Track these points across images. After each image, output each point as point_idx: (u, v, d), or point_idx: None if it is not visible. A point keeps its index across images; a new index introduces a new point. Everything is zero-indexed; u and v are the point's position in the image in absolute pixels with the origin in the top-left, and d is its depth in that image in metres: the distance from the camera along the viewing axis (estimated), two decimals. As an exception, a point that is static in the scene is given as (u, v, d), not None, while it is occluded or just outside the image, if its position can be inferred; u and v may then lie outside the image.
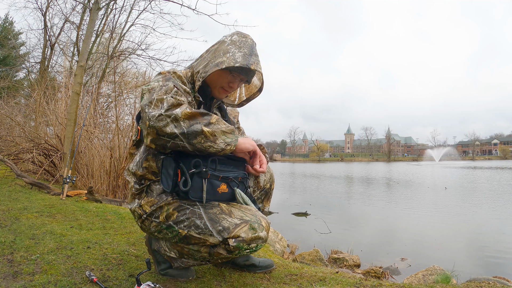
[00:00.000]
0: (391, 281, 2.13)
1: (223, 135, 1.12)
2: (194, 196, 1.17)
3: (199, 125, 1.09)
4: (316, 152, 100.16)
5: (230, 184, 1.25)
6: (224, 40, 1.31)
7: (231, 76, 1.31)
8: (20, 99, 10.92)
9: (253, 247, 1.16)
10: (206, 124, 1.10)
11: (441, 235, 4.58)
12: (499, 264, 3.34)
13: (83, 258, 1.58)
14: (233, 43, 1.28)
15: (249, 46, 1.29)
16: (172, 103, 1.11)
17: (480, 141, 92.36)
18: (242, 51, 1.26)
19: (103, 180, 4.56)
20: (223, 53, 1.25)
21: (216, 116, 1.14)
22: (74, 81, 4.71)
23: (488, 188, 10.68)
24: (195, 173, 1.16)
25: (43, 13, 9.33)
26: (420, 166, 34.49)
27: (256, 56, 1.30)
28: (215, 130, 1.10)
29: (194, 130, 1.08)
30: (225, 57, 1.24)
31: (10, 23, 18.75)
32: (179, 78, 1.26)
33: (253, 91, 1.50)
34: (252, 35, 1.35)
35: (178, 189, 1.17)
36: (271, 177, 1.61)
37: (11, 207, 2.70)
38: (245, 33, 1.34)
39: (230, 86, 1.34)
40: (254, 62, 1.27)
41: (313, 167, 34.40)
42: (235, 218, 1.18)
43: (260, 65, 1.31)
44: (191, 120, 1.09)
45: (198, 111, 1.11)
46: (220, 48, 1.28)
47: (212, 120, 1.12)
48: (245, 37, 1.31)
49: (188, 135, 1.08)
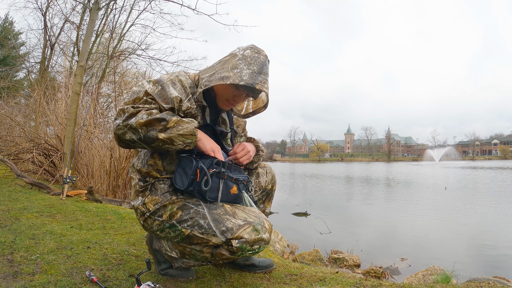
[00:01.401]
0: (391, 281, 2.13)
1: (182, 137, 1.16)
2: (210, 197, 1.22)
3: (155, 131, 1.14)
4: (316, 152, 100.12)
5: (239, 186, 1.30)
6: (236, 54, 1.27)
7: (237, 91, 1.30)
8: (20, 99, 10.91)
9: (256, 248, 1.17)
10: (163, 130, 1.14)
11: (441, 235, 4.58)
12: (499, 264, 3.34)
13: (83, 258, 1.58)
14: (244, 58, 1.24)
15: (260, 64, 1.25)
16: (131, 113, 1.15)
17: (480, 141, 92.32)
18: (251, 68, 1.22)
19: (103, 180, 4.56)
20: (231, 67, 1.23)
21: (176, 119, 1.16)
22: (74, 81, 4.71)
23: (488, 188, 10.68)
24: (214, 173, 1.21)
25: (43, 13, 9.34)
26: (420, 166, 34.48)
27: (265, 75, 1.25)
28: (172, 135, 1.15)
29: (150, 137, 1.14)
30: (231, 73, 1.21)
31: (10, 23, 18.74)
32: (180, 82, 1.26)
33: (260, 105, 1.49)
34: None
35: (195, 188, 1.20)
36: (273, 178, 1.62)
37: (11, 207, 2.70)
38: (260, 49, 1.29)
39: (235, 100, 1.33)
40: (261, 81, 1.23)
41: (313, 167, 34.39)
42: (238, 219, 1.19)
43: (267, 84, 1.27)
44: (147, 127, 1.14)
45: (153, 118, 1.14)
46: (230, 61, 1.25)
47: (169, 124, 1.15)
48: (258, 53, 1.27)
49: (145, 141, 1.15)
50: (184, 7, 5.88)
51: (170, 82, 1.24)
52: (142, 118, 1.13)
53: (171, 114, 1.18)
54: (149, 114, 1.14)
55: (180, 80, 1.26)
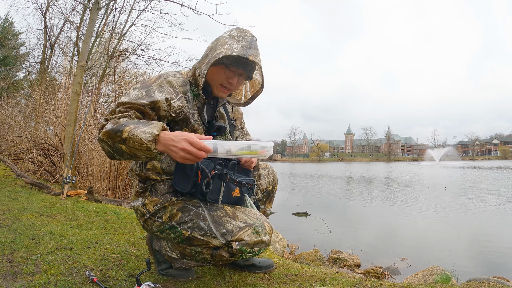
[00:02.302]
0: (391, 281, 2.13)
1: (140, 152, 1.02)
2: (211, 198, 1.21)
3: (117, 144, 1.04)
4: (316, 152, 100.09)
5: (242, 189, 1.30)
6: (222, 35, 1.26)
7: (229, 71, 1.25)
8: (20, 99, 10.91)
9: (256, 250, 1.17)
10: (122, 141, 1.02)
11: (441, 235, 4.58)
12: (499, 264, 3.34)
13: (83, 258, 1.58)
14: (231, 37, 1.23)
15: (248, 40, 1.24)
16: (102, 125, 1.09)
17: (480, 141, 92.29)
18: (240, 43, 1.21)
19: (103, 180, 4.56)
20: (221, 45, 1.22)
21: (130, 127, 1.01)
22: (74, 81, 4.71)
23: (488, 188, 10.68)
24: (216, 174, 1.20)
25: (43, 13, 9.33)
26: (420, 166, 34.47)
27: (256, 50, 1.24)
28: (131, 148, 1.02)
29: (118, 149, 1.05)
30: (222, 48, 1.19)
31: (10, 23, 18.75)
32: (168, 84, 1.21)
33: (257, 88, 1.43)
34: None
35: (197, 190, 1.19)
36: (274, 179, 1.61)
37: (11, 207, 2.70)
38: (245, 29, 1.29)
39: (230, 82, 1.27)
40: (253, 54, 1.21)
41: (313, 167, 34.38)
42: (239, 221, 1.18)
43: (259, 58, 1.24)
44: (110, 139, 1.04)
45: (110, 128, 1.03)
46: (218, 42, 1.24)
47: (124, 134, 1.01)
48: (244, 32, 1.26)
49: (117, 152, 1.07)
50: (184, 7, 5.86)
51: (156, 87, 1.19)
52: (106, 128, 1.05)
53: (134, 121, 1.06)
54: (114, 123, 1.05)
55: (168, 81, 1.22)
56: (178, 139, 1.00)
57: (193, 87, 1.27)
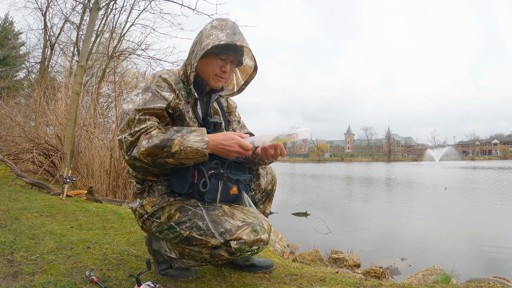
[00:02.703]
0: (391, 281, 2.13)
1: (191, 160, 1.12)
2: (209, 198, 1.22)
3: (161, 159, 1.10)
4: (316, 152, 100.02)
5: (240, 187, 1.30)
6: (205, 28, 1.28)
7: (221, 60, 1.27)
8: (20, 99, 10.92)
9: (255, 249, 1.17)
10: (170, 155, 1.09)
11: (441, 235, 4.58)
12: (499, 264, 3.34)
13: (83, 258, 1.58)
14: (214, 28, 1.25)
15: (231, 27, 1.25)
16: (130, 142, 1.10)
17: (480, 141, 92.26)
18: (224, 31, 1.23)
19: (103, 180, 4.56)
20: (206, 37, 1.23)
21: (178, 140, 1.08)
22: (74, 81, 4.71)
23: (488, 189, 10.68)
24: (213, 174, 1.20)
25: (43, 13, 9.33)
26: (420, 166, 34.47)
27: (240, 34, 1.26)
28: (181, 159, 1.10)
29: (159, 163, 1.11)
30: (209, 39, 1.21)
31: (10, 23, 18.76)
32: (164, 81, 1.22)
33: (249, 72, 1.44)
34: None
35: (194, 190, 1.19)
36: (273, 178, 1.61)
37: (11, 207, 2.70)
38: (224, 18, 1.30)
39: (223, 71, 1.29)
40: (239, 39, 1.24)
41: (313, 167, 34.39)
42: (237, 220, 1.18)
43: (246, 41, 1.27)
44: (151, 157, 1.09)
45: (153, 146, 1.07)
46: (202, 34, 1.26)
47: (173, 148, 1.07)
48: (224, 21, 1.28)
49: (156, 166, 1.12)
50: (184, 7, 5.86)
51: (156, 86, 1.21)
52: (143, 146, 1.08)
53: (172, 131, 1.12)
54: (148, 138, 1.08)
55: (164, 78, 1.23)
56: (228, 143, 1.13)
57: (186, 84, 1.28)
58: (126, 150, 1.11)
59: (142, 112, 1.14)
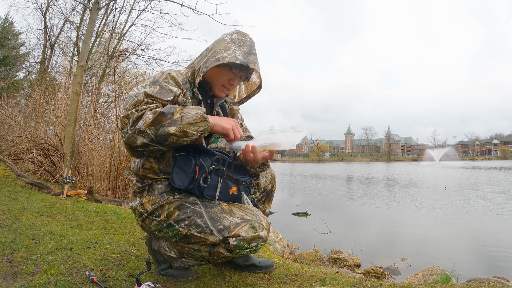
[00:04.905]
0: (391, 281, 2.13)
1: (193, 126, 1.13)
2: (208, 194, 1.22)
3: (165, 127, 1.10)
4: (316, 152, 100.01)
5: (239, 187, 1.30)
6: (224, 38, 1.31)
7: (232, 73, 1.32)
8: (20, 99, 10.92)
9: (254, 246, 1.17)
10: (171, 123, 1.10)
11: (441, 235, 4.57)
12: (499, 264, 3.34)
13: (83, 258, 1.58)
14: (233, 42, 1.29)
15: (248, 45, 1.31)
16: (137, 116, 1.12)
17: (480, 141, 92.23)
18: (242, 49, 1.28)
19: (103, 180, 4.56)
20: (224, 49, 1.27)
21: (180, 107, 1.13)
22: (74, 81, 4.71)
23: (488, 189, 10.68)
24: (214, 170, 1.21)
25: (43, 13, 9.34)
26: (420, 166, 34.47)
27: (255, 55, 1.32)
28: (183, 126, 1.11)
29: (161, 135, 1.10)
30: (226, 53, 1.25)
31: (10, 23, 18.77)
32: (173, 79, 1.25)
33: (253, 88, 1.53)
34: (252, 34, 1.36)
35: (194, 186, 1.19)
36: (273, 178, 1.61)
37: (11, 207, 2.70)
38: (245, 33, 1.35)
39: (231, 83, 1.34)
40: (253, 61, 1.29)
41: (313, 167, 34.39)
42: (235, 217, 1.19)
43: (258, 64, 1.33)
44: (155, 125, 1.10)
45: (159, 113, 1.10)
46: (220, 45, 1.29)
47: (175, 115, 1.11)
48: (244, 36, 1.33)
49: (158, 140, 1.11)
50: (184, 7, 5.87)
51: (164, 81, 1.24)
52: (149, 118, 1.10)
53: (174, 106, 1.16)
54: (154, 112, 1.11)
55: (172, 76, 1.26)
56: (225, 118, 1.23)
57: (192, 86, 1.31)
58: (131, 124, 1.12)
59: (151, 98, 1.18)
